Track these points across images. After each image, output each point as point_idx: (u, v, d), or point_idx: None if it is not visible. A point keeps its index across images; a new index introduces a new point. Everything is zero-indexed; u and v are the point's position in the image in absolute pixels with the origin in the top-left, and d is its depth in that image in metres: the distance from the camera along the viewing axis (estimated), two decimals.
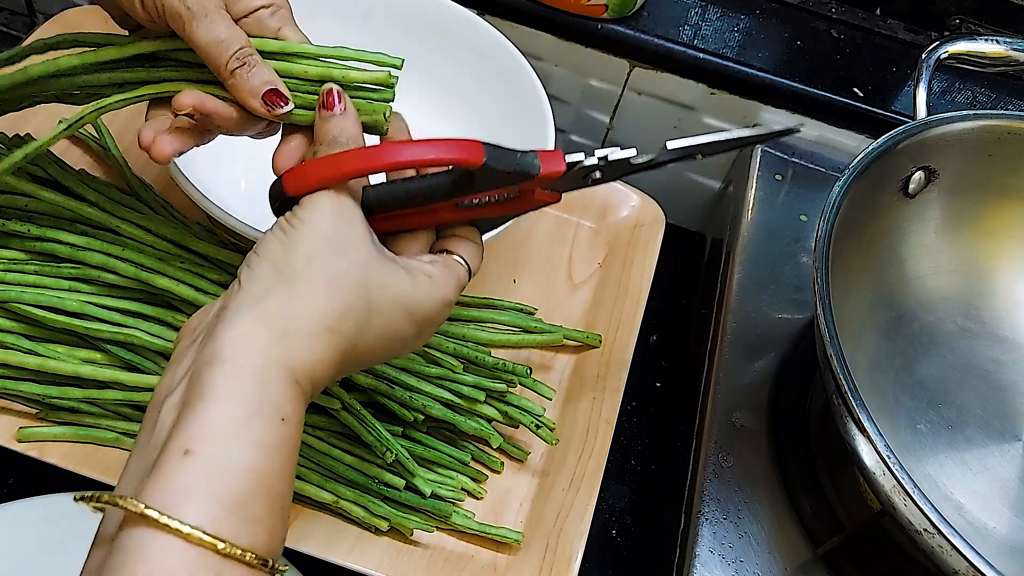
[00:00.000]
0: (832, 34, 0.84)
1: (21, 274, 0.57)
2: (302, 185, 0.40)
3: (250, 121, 0.46)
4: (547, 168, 0.43)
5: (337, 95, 0.43)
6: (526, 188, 0.44)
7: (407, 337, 0.42)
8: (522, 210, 0.46)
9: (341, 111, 0.43)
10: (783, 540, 0.58)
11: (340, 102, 0.43)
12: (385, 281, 0.40)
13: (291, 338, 0.36)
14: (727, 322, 0.67)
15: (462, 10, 0.68)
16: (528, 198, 0.45)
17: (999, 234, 0.68)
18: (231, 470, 0.33)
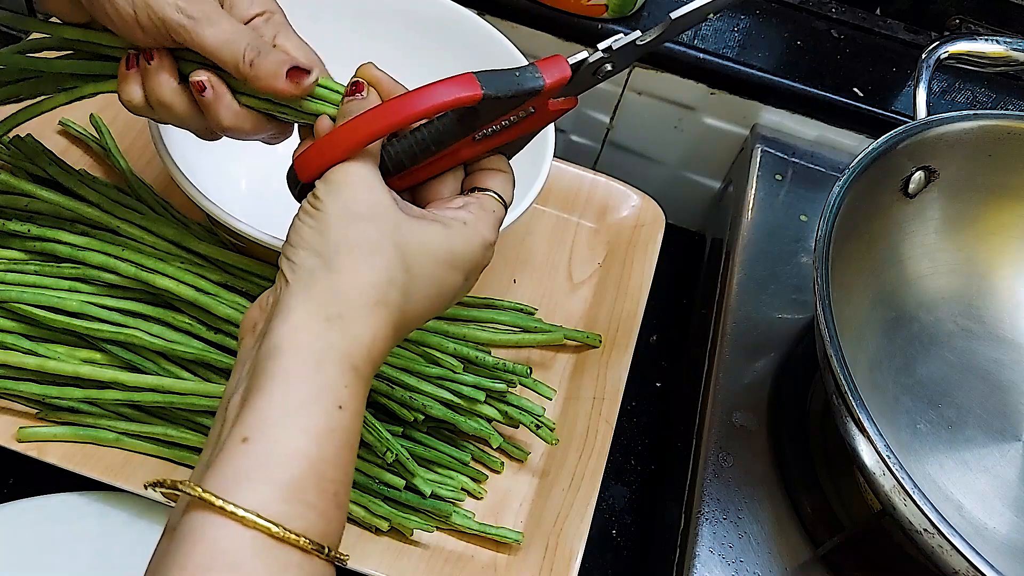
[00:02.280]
0: (832, 34, 0.84)
1: (21, 274, 0.57)
2: (315, 166, 0.40)
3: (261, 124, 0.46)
4: (552, 78, 0.42)
5: (363, 86, 0.43)
6: (538, 103, 0.43)
7: (456, 287, 0.42)
8: (542, 124, 0.45)
9: (363, 96, 0.43)
10: (783, 540, 0.58)
11: (364, 90, 0.43)
12: (420, 239, 0.40)
13: (345, 319, 0.37)
14: (727, 322, 0.67)
15: (462, 10, 0.68)
16: (544, 111, 0.44)
17: (999, 234, 0.68)
18: (285, 456, 0.34)
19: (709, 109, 0.83)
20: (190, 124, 0.47)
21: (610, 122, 0.87)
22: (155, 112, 0.47)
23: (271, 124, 0.47)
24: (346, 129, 0.40)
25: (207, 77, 0.44)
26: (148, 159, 0.68)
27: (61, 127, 0.70)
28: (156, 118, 0.48)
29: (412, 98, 0.40)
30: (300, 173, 0.41)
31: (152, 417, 0.57)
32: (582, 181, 0.75)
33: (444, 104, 0.40)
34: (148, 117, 0.48)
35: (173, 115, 0.46)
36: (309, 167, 0.40)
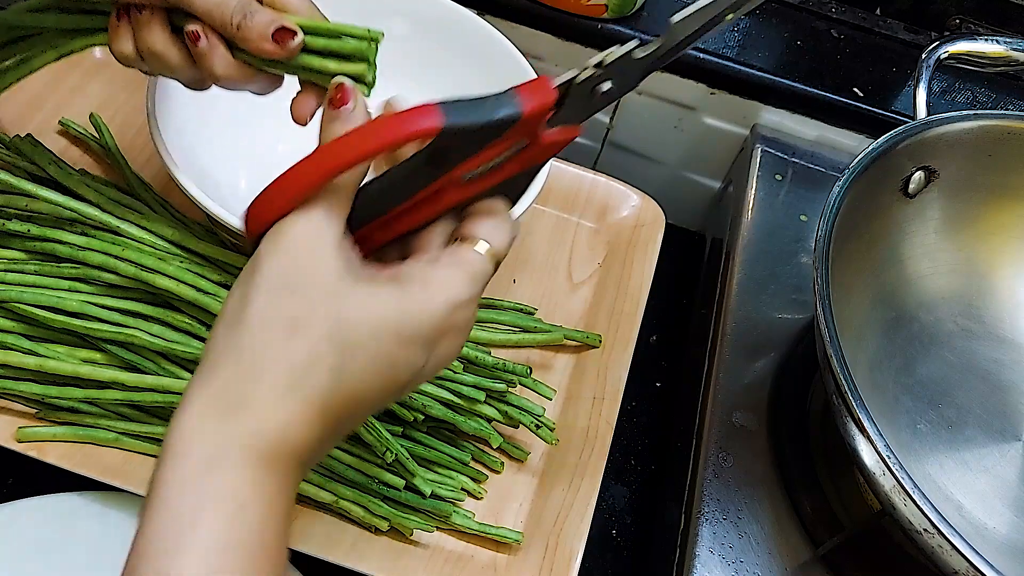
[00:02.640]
0: (832, 34, 0.84)
1: (21, 274, 0.57)
2: (262, 218, 0.35)
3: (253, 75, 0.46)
4: (531, 104, 0.35)
5: (350, 92, 0.37)
6: (529, 134, 0.37)
7: (412, 364, 0.35)
8: (541, 159, 0.38)
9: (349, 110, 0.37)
10: (783, 540, 0.58)
11: (352, 100, 0.37)
12: (363, 308, 0.34)
13: (248, 407, 0.32)
14: (727, 322, 0.67)
15: (462, 10, 0.68)
16: (538, 143, 0.37)
17: (999, 234, 0.68)
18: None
19: (709, 109, 0.83)
20: (181, 74, 0.47)
21: (610, 122, 0.87)
22: (146, 63, 0.46)
23: (263, 75, 0.47)
24: (293, 172, 0.34)
25: (201, 27, 0.44)
26: (148, 159, 0.68)
27: (61, 127, 0.70)
28: (146, 69, 0.47)
29: (360, 134, 0.35)
30: (251, 224, 0.35)
31: (152, 417, 0.57)
32: (582, 181, 0.75)
33: (401, 138, 0.34)
34: (139, 68, 0.47)
35: (164, 65, 0.46)
36: (257, 217, 0.35)
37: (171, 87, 0.60)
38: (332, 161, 0.34)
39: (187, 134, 0.62)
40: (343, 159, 0.34)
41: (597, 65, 0.38)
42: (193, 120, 0.63)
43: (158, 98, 0.58)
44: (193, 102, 0.63)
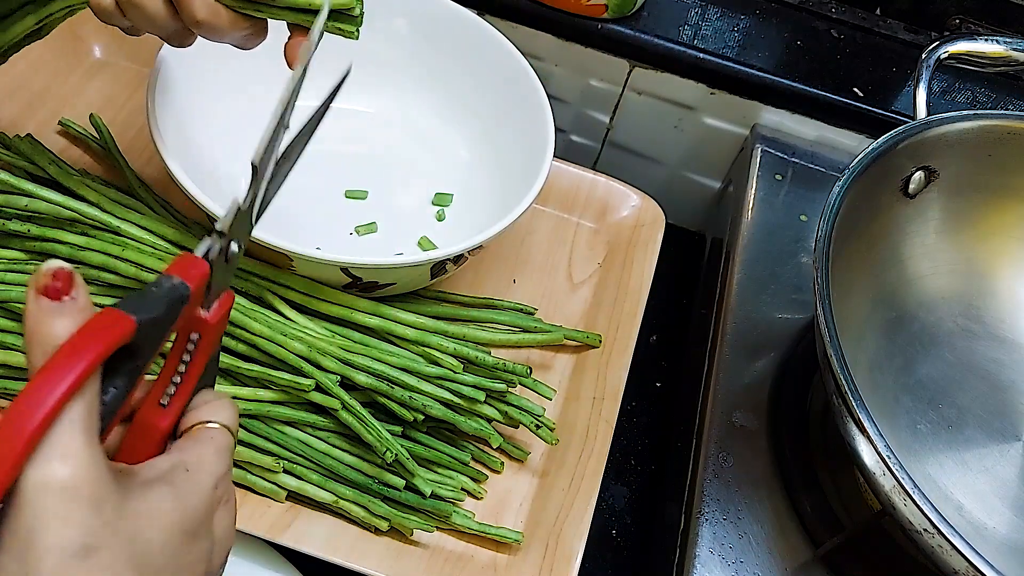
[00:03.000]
0: (832, 34, 0.84)
1: (21, 274, 0.57)
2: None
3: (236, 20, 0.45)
4: (192, 276, 0.34)
5: (74, 277, 0.30)
6: (197, 320, 0.35)
7: (204, 551, 0.33)
8: (214, 343, 0.37)
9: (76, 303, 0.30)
10: (783, 540, 0.58)
11: (76, 289, 0.30)
12: (152, 527, 0.30)
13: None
14: (727, 322, 0.67)
15: (462, 10, 0.68)
16: (207, 329, 0.36)
17: (999, 234, 0.68)
18: None
19: (709, 109, 0.83)
20: (162, 25, 0.45)
21: (610, 122, 0.87)
22: (125, 15, 0.45)
23: (246, 21, 0.45)
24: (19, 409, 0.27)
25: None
26: (148, 159, 0.68)
27: (61, 127, 0.70)
28: (126, 25, 0.46)
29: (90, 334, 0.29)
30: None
31: None
32: (582, 181, 0.75)
33: (123, 334, 0.30)
34: (117, 25, 0.46)
35: (144, 15, 0.44)
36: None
37: (171, 87, 0.60)
38: (71, 375, 0.28)
39: (187, 134, 0.62)
40: (80, 368, 0.28)
41: (219, 233, 0.36)
42: (193, 120, 0.64)
43: (158, 98, 0.58)
44: (193, 102, 0.64)
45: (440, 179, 0.72)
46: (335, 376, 0.56)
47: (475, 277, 0.70)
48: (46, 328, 0.29)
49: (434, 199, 0.70)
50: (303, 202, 0.68)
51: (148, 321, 0.31)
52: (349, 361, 0.57)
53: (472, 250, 0.58)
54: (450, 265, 0.60)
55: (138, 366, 0.32)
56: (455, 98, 0.72)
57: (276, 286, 0.59)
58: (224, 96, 0.66)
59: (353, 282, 0.58)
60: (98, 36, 0.76)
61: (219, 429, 0.35)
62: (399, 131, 0.73)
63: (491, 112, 0.70)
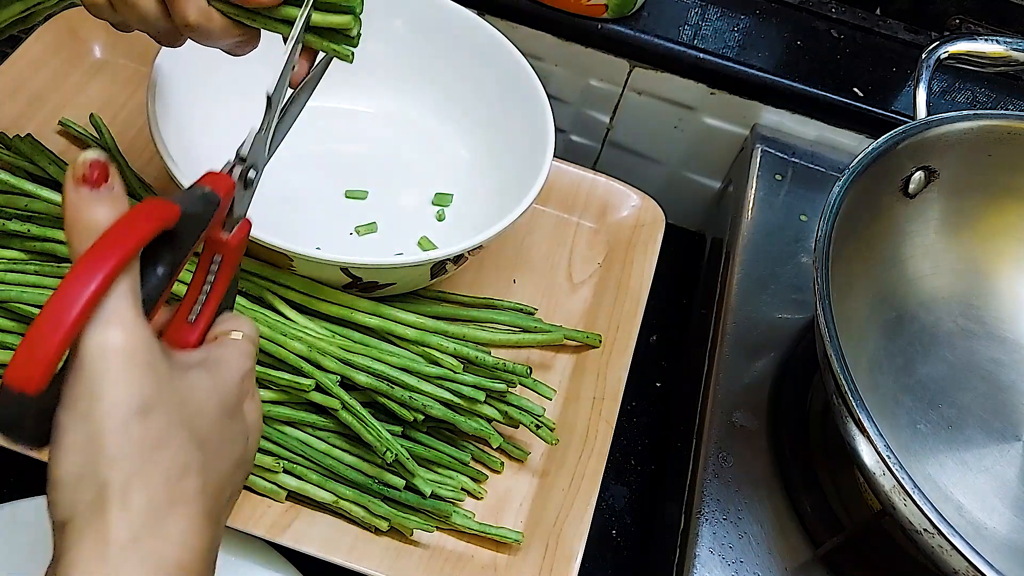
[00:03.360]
0: (832, 34, 0.84)
1: (21, 274, 0.57)
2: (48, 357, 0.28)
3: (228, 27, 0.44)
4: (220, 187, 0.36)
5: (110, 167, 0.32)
6: (219, 242, 0.38)
7: (242, 432, 0.36)
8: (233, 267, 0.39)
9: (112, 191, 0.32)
10: (783, 540, 0.58)
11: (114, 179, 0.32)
12: (198, 396, 0.33)
13: (140, 541, 0.30)
14: (727, 322, 0.67)
15: (462, 10, 0.68)
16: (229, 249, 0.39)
17: (999, 234, 0.68)
18: None
19: (709, 109, 0.83)
20: (153, 24, 0.45)
21: (610, 122, 0.87)
22: (117, 12, 0.45)
23: (239, 28, 0.45)
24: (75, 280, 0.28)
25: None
26: (148, 159, 0.68)
27: (61, 127, 0.70)
28: (117, 20, 0.46)
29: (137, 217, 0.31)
30: (24, 381, 0.28)
31: None
32: (582, 181, 0.75)
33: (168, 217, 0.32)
34: (107, 19, 0.46)
35: (136, 13, 0.44)
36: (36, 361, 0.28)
37: (171, 87, 0.60)
38: (120, 252, 0.30)
39: (188, 134, 0.62)
40: (130, 245, 0.30)
41: (240, 158, 0.39)
42: (194, 120, 0.63)
43: (158, 98, 0.58)
44: (194, 102, 0.64)
45: (440, 179, 0.72)
46: (335, 376, 0.56)
47: (475, 277, 0.70)
48: (87, 215, 0.31)
49: (434, 199, 0.70)
50: (303, 202, 0.68)
51: (188, 213, 0.33)
52: (349, 361, 0.57)
53: (472, 250, 0.58)
54: (450, 265, 0.60)
55: (175, 260, 0.34)
56: (455, 98, 0.72)
57: (276, 286, 0.59)
58: (224, 96, 0.66)
59: (353, 282, 0.58)
60: (98, 36, 0.76)
61: (242, 337, 0.38)
62: (399, 131, 0.73)
63: (491, 112, 0.70)
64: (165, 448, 0.31)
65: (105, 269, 0.29)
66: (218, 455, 0.34)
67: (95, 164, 0.31)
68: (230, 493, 0.36)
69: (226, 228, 0.39)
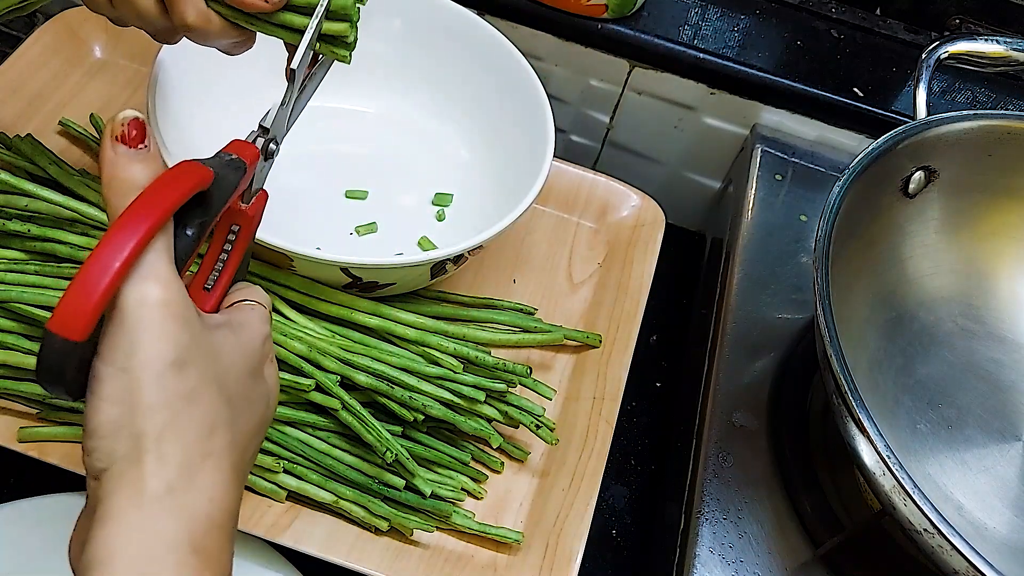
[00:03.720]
0: (832, 34, 0.84)
1: (21, 274, 0.57)
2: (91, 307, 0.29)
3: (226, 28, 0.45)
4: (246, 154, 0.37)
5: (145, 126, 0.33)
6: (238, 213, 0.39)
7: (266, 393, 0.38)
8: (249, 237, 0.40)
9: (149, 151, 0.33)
10: (783, 540, 0.58)
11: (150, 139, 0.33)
12: (227, 354, 0.35)
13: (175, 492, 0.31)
14: (727, 322, 0.67)
15: (462, 10, 0.68)
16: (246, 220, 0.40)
17: (999, 234, 0.68)
18: None
19: (709, 109, 0.83)
20: (151, 22, 0.45)
21: (610, 122, 0.87)
22: (114, 7, 0.45)
23: (236, 30, 0.45)
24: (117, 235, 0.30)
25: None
26: None
27: (61, 127, 0.70)
28: (114, 16, 0.46)
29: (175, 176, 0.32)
30: (69, 328, 0.29)
31: None
32: (582, 181, 0.75)
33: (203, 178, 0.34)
34: (105, 14, 0.46)
35: (134, 9, 0.44)
36: (81, 309, 0.29)
37: (171, 87, 0.60)
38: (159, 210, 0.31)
39: (188, 134, 0.62)
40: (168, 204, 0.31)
41: (263, 128, 0.41)
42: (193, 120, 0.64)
43: (158, 98, 0.58)
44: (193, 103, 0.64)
45: (440, 179, 0.72)
46: (335, 376, 0.56)
47: (475, 277, 0.70)
48: (125, 173, 0.32)
49: (434, 199, 0.70)
50: (303, 202, 0.68)
51: (220, 176, 0.35)
52: (349, 361, 0.57)
53: (472, 250, 0.58)
54: (450, 265, 0.60)
55: (205, 222, 0.35)
56: (455, 98, 0.72)
57: (276, 286, 0.59)
58: (224, 96, 0.66)
59: (353, 282, 0.58)
60: (98, 36, 0.76)
61: (258, 304, 0.39)
62: (399, 131, 0.73)
63: (491, 112, 0.70)
64: (198, 402, 0.32)
65: (145, 225, 0.30)
66: (244, 413, 0.35)
67: (133, 123, 0.32)
68: (252, 452, 0.37)
69: (244, 199, 0.39)
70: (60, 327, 0.29)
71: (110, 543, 0.30)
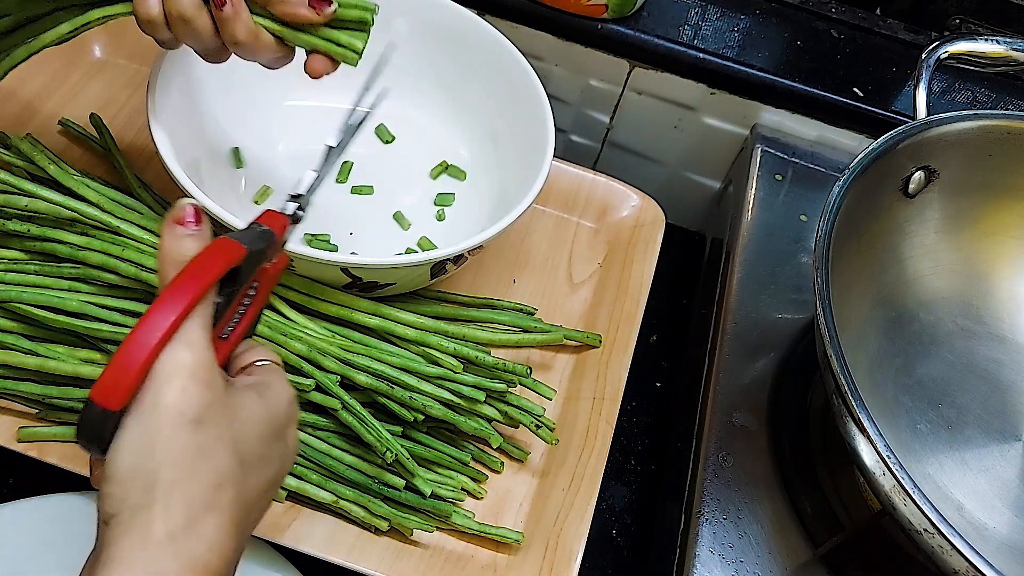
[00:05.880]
0: (832, 34, 0.84)
1: (21, 274, 0.57)
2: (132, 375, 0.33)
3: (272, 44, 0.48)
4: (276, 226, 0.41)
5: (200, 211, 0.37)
6: (260, 273, 0.41)
7: (283, 455, 0.40)
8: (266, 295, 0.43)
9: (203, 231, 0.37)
10: (783, 540, 0.58)
11: (203, 220, 0.37)
12: (246, 419, 0.37)
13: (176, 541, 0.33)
14: (727, 322, 0.67)
15: (462, 10, 0.68)
16: (266, 279, 0.42)
17: (999, 234, 0.68)
18: None
19: (709, 109, 0.83)
20: (203, 41, 0.48)
21: (610, 122, 0.87)
22: (172, 28, 0.47)
23: (281, 46, 0.48)
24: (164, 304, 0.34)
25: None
26: (148, 159, 0.68)
27: (61, 127, 0.70)
28: (165, 37, 0.48)
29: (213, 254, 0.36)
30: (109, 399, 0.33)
31: None
32: (582, 181, 0.75)
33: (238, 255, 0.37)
34: (156, 36, 0.48)
35: (191, 30, 0.47)
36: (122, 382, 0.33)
37: (171, 87, 0.60)
38: (196, 289, 0.34)
39: (187, 135, 0.62)
40: (207, 280, 0.35)
41: (296, 196, 0.44)
42: (193, 120, 0.64)
43: (158, 98, 0.58)
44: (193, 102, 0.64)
45: (440, 179, 0.72)
46: (335, 376, 0.56)
47: (475, 277, 0.70)
48: (178, 247, 0.36)
49: (434, 199, 0.70)
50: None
51: (252, 250, 0.38)
52: (349, 361, 0.57)
53: (472, 250, 0.58)
54: (450, 265, 0.60)
55: (235, 290, 0.38)
56: (455, 98, 0.72)
57: (276, 286, 0.59)
58: (224, 97, 0.66)
59: (353, 282, 0.58)
60: (98, 36, 0.76)
61: (273, 364, 0.41)
62: (399, 131, 0.73)
63: (491, 112, 0.70)
64: (211, 458, 0.34)
65: (185, 301, 0.34)
66: (255, 472, 0.37)
67: (192, 209, 0.37)
68: (260, 509, 0.39)
69: (268, 259, 0.42)
70: (102, 398, 0.33)
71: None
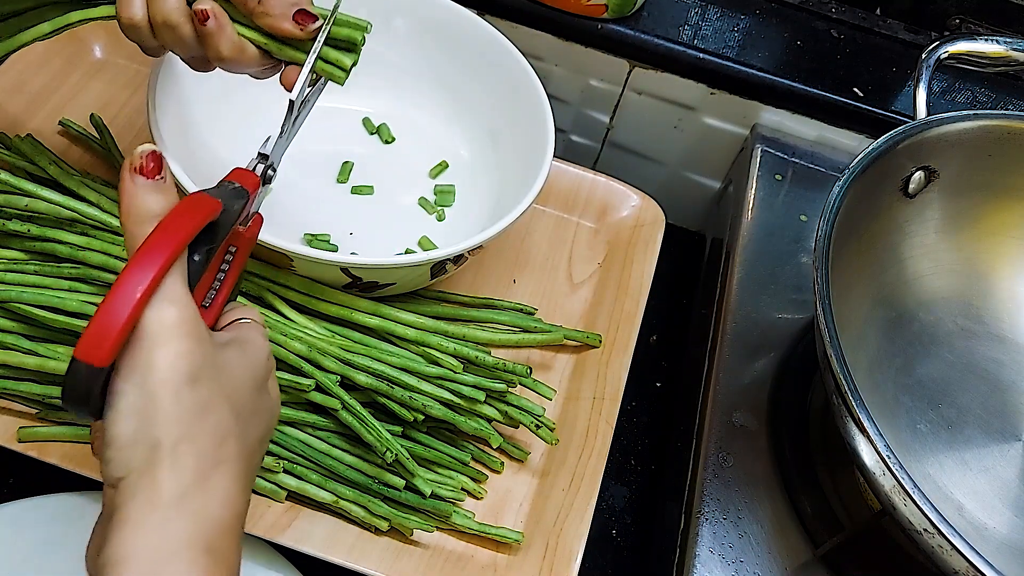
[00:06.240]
0: (832, 34, 0.84)
1: (21, 274, 0.57)
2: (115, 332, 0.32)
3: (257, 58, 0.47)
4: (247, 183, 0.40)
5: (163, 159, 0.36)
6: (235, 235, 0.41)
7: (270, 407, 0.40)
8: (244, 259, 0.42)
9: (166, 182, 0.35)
10: (783, 540, 0.58)
11: (166, 170, 0.36)
12: (233, 373, 0.36)
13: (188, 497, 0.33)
14: (727, 322, 0.67)
15: (462, 10, 0.68)
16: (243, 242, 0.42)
17: (999, 234, 0.68)
18: None
19: (709, 109, 0.83)
20: (188, 50, 0.47)
21: (610, 122, 0.87)
22: (155, 35, 0.46)
23: (266, 58, 0.47)
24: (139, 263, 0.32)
25: (211, 6, 0.44)
26: None
27: (61, 127, 0.70)
28: (150, 44, 0.47)
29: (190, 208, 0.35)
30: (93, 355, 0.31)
31: None
32: (582, 181, 0.75)
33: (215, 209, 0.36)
34: (141, 42, 0.47)
35: (175, 38, 0.46)
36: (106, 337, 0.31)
37: (171, 88, 0.60)
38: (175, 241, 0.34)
39: (187, 135, 0.62)
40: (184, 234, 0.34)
41: (263, 156, 0.43)
42: (194, 120, 0.64)
43: (158, 98, 0.58)
44: (194, 102, 0.64)
45: (441, 179, 0.72)
46: (335, 376, 0.56)
47: (475, 277, 0.70)
48: (143, 203, 0.35)
49: (434, 199, 0.70)
50: (303, 202, 0.68)
51: (227, 207, 0.37)
52: (349, 361, 0.57)
53: (472, 250, 0.58)
54: (450, 265, 0.60)
55: (212, 248, 0.37)
56: (455, 98, 0.72)
57: (276, 286, 0.59)
58: (224, 96, 0.66)
59: (353, 282, 0.58)
60: (98, 36, 0.76)
61: (254, 322, 0.41)
62: (399, 131, 0.73)
63: (491, 112, 0.70)
64: (210, 414, 0.34)
65: (164, 256, 0.33)
66: (251, 424, 0.37)
67: (151, 155, 0.35)
68: (258, 460, 0.39)
69: (243, 222, 0.41)
70: (86, 355, 0.31)
71: (127, 544, 0.32)
